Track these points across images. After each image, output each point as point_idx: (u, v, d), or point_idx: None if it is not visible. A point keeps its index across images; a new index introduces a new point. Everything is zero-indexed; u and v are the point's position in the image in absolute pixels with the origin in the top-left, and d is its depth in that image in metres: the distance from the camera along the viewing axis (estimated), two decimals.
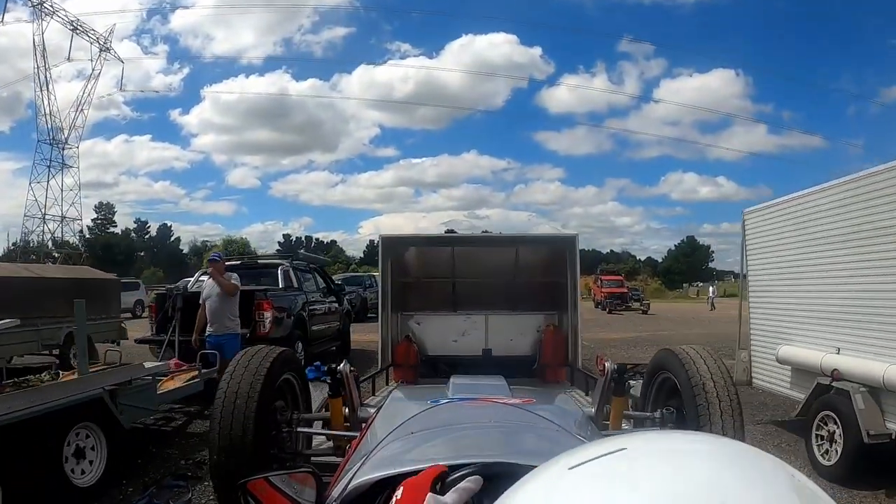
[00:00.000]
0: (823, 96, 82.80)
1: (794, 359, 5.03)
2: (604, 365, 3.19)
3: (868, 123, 73.68)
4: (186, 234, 78.79)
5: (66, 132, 47.27)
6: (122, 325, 10.82)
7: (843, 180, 4.54)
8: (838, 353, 4.47)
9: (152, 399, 5.28)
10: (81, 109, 48.33)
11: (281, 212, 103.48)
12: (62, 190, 48.22)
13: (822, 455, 4.35)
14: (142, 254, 64.23)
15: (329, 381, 3.08)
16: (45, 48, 45.64)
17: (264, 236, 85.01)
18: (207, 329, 6.79)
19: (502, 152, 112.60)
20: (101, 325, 10.22)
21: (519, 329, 6.65)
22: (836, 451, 4.19)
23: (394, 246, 6.46)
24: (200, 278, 12.49)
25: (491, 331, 6.66)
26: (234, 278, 6.92)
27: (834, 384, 4.28)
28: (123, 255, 58.85)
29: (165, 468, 4.95)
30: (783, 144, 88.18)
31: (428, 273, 6.82)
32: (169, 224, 70.10)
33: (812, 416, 4.49)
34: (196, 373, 6.22)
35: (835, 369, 4.30)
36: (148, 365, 5.17)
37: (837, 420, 4.19)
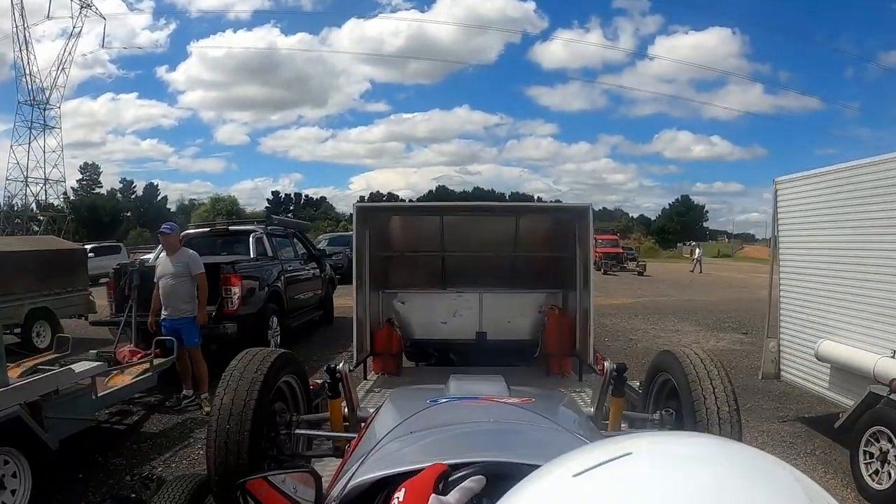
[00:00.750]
0: (821, 57, 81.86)
1: (839, 358, 4.35)
2: (603, 364, 3.12)
3: (866, 86, 73.09)
4: (176, 193, 78.38)
5: (47, 92, 46.13)
6: (91, 297, 10.12)
7: None
8: (894, 357, 3.78)
9: (90, 405, 4.56)
10: (63, 68, 47.55)
11: (271, 168, 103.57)
12: (44, 152, 47.73)
13: (870, 476, 3.71)
14: (128, 214, 63.06)
15: (328, 381, 2.97)
16: (23, 6, 44.59)
17: (254, 193, 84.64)
18: (162, 312, 6.05)
19: (495, 107, 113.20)
20: (66, 300, 9.53)
21: (518, 309, 5.89)
22: (890, 475, 3.55)
23: (372, 216, 5.61)
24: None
25: (486, 311, 5.88)
26: (191, 257, 6.12)
27: (891, 396, 3.60)
28: (109, 217, 57.92)
29: (107, 487, 4.28)
30: (779, 105, 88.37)
31: (413, 246, 5.95)
32: (155, 183, 69.18)
33: (861, 430, 3.82)
34: (149, 365, 5.52)
35: (894, 379, 3.61)
36: (80, 367, 4.40)
37: (893, 438, 3.53)
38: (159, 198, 67.76)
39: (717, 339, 9.98)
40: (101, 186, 65.11)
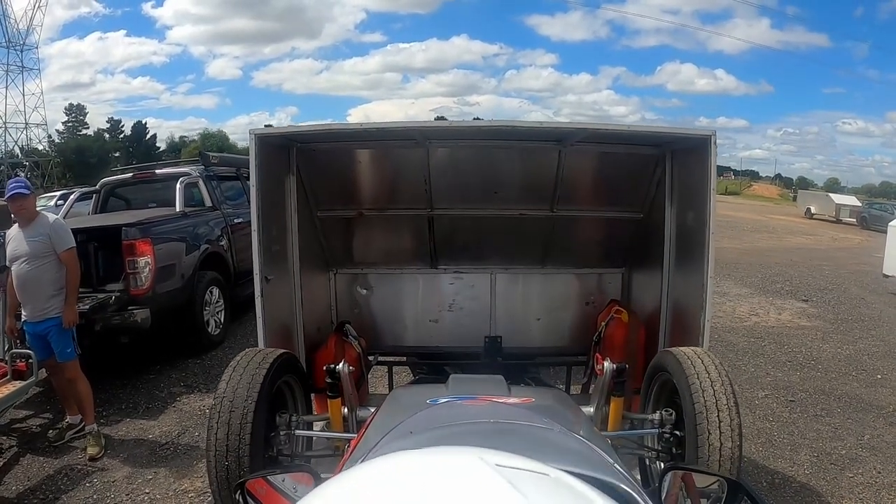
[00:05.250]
0: None
1: None
2: (603, 364, 2.80)
3: (877, 26, 70.17)
4: (170, 130, 77.12)
5: (24, 34, 44.00)
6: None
7: None
8: None
9: None
10: (40, 7, 44.71)
11: (266, 102, 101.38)
12: (24, 95, 46.61)
13: None
14: (116, 154, 60.46)
15: (328, 381, 2.75)
16: None
17: (249, 128, 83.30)
18: (22, 312, 4.06)
19: (494, 37, 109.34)
20: None
21: (552, 299, 3.85)
22: None
23: (302, 153, 3.30)
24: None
25: (500, 303, 3.84)
26: (52, 227, 3.98)
27: None
28: (96, 158, 55.54)
29: None
30: (786, 41, 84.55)
31: (382, 199, 3.74)
32: (144, 121, 66.40)
33: None
34: None
35: None
36: None
37: None
38: (148, 136, 65.20)
39: (779, 310, 8.05)
40: (88, 127, 62.76)
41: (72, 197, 7.78)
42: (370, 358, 3.58)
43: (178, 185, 6.49)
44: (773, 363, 5.79)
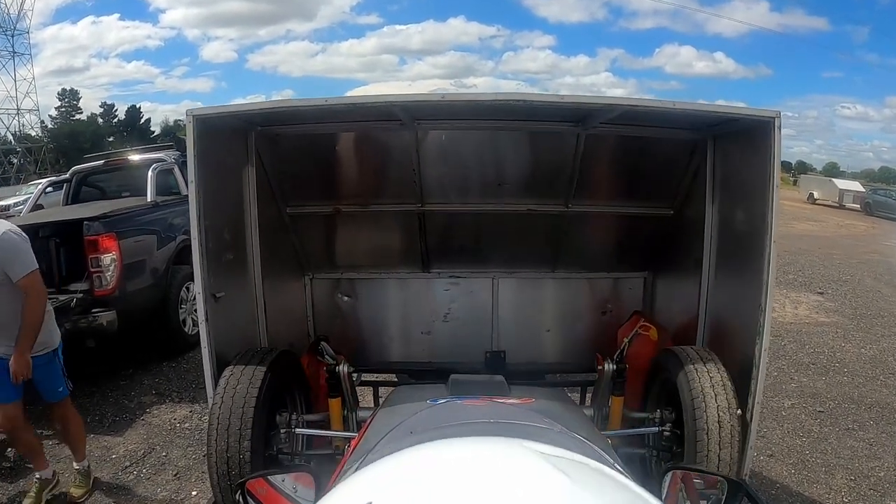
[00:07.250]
0: None
1: None
2: (603, 364, 2.74)
3: (876, 10, 69.25)
4: (165, 114, 76.49)
5: (15, 18, 43.23)
6: None
7: None
8: None
9: None
10: None
11: (261, 85, 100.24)
12: (15, 80, 45.34)
13: None
14: (111, 139, 59.67)
15: (329, 380, 2.72)
16: None
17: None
18: None
19: (491, 18, 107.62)
20: None
21: (565, 309, 3.40)
22: None
23: (264, 136, 2.77)
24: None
25: (504, 312, 3.36)
26: (4, 245, 2.84)
27: None
28: (90, 143, 54.77)
29: None
30: (785, 24, 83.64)
31: (364, 192, 3.15)
32: (138, 105, 65.40)
33: None
34: None
35: None
36: None
37: None
38: (143, 120, 64.36)
39: (794, 304, 7.61)
40: (81, 112, 61.91)
41: (39, 187, 7.25)
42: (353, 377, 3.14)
43: (149, 173, 5.96)
44: (795, 366, 5.37)
